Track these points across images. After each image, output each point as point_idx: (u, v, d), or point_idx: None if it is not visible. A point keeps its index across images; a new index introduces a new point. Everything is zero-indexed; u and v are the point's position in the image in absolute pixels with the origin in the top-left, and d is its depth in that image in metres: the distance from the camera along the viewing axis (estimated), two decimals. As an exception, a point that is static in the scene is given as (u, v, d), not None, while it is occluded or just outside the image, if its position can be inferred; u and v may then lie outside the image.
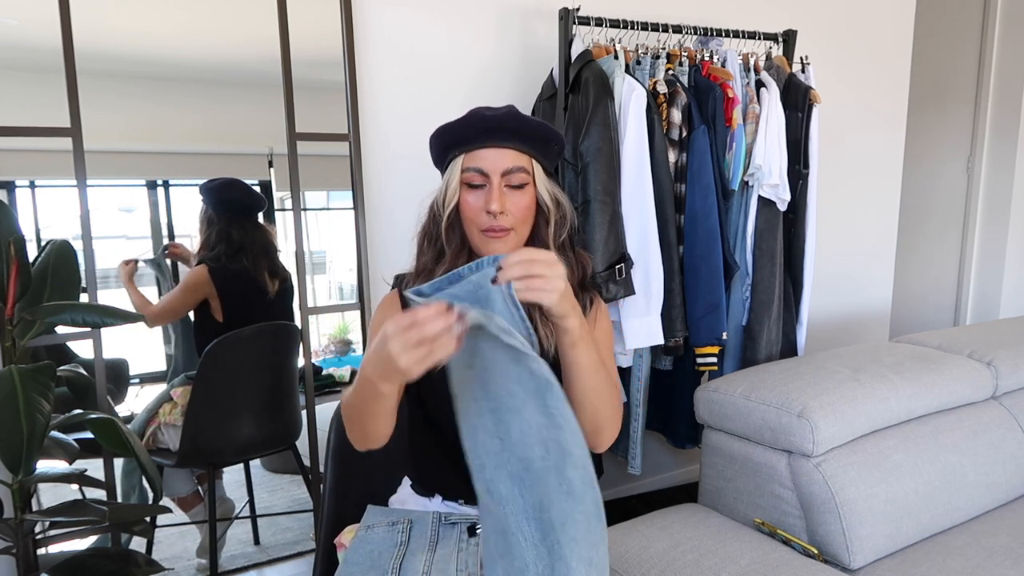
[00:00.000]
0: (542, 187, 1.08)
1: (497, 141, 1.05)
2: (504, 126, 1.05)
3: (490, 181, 1.05)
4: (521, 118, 1.07)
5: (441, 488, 1.16)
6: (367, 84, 1.97)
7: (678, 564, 1.39)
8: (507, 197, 1.05)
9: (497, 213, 1.04)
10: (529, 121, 1.07)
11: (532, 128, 1.07)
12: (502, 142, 1.05)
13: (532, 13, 2.18)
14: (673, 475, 2.71)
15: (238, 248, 1.95)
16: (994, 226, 3.60)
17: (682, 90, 1.96)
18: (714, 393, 1.68)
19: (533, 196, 1.08)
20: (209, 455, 1.92)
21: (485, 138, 1.05)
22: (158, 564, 1.51)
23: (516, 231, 1.07)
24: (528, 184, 1.07)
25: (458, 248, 1.10)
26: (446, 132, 1.08)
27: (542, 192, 1.08)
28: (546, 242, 1.09)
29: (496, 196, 1.04)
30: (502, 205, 1.04)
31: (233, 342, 1.90)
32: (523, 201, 1.06)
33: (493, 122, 1.05)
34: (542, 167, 1.09)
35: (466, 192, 1.06)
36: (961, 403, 1.76)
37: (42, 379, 1.25)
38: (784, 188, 2.05)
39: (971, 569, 1.43)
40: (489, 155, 1.05)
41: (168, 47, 1.81)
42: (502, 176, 1.05)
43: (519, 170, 1.05)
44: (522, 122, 1.06)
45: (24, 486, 1.37)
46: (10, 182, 1.71)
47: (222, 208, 1.94)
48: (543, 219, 1.09)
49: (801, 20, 2.45)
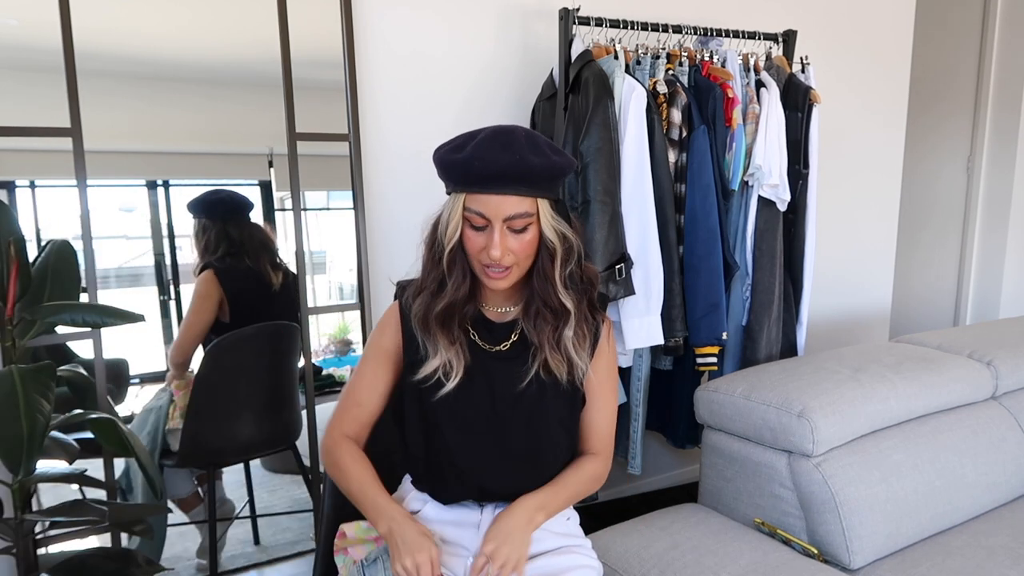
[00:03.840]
0: (547, 224, 1.05)
1: (500, 188, 1.02)
2: (507, 173, 1.01)
3: (491, 225, 1.03)
4: (526, 166, 1.01)
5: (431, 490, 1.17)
6: (367, 84, 1.97)
7: (678, 564, 1.39)
8: (508, 238, 1.04)
9: (499, 259, 1.04)
10: (535, 167, 1.01)
11: (538, 171, 1.02)
12: (505, 189, 1.02)
13: (532, 13, 2.18)
14: (673, 475, 2.70)
15: (239, 245, 1.94)
16: (994, 226, 3.60)
17: (682, 90, 1.96)
18: (714, 393, 1.68)
19: (536, 233, 1.06)
20: (209, 455, 1.92)
21: (488, 184, 1.02)
22: (158, 564, 1.50)
23: (518, 266, 1.07)
24: (532, 224, 1.05)
25: (460, 280, 1.08)
26: (449, 166, 1.05)
27: (547, 230, 1.05)
28: (551, 278, 1.07)
29: (498, 241, 1.03)
30: (503, 250, 1.03)
31: (233, 342, 1.90)
32: (526, 238, 1.05)
33: (496, 169, 1.01)
34: (549, 202, 1.06)
35: (468, 228, 1.05)
36: (961, 403, 1.76)
37: (42, 379, 1.25)
38: (784, 188, 2.05)
39: (971, 569, 1.43)
40: (491, 200, 1.02)
41: (168, 47, 1.81)
42: (504, 221, 1.03)
43: (522, 215, 1.03)
44: (527, 168, 1.01)
45: (24, 486, 1.37)
46: (10, 182, 1.71)
47: (214, 213, 1.93)
48: (547, 255, 1.07)
49: (801, 20, 2.45)
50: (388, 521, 1.06)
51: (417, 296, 1.12)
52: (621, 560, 1.43)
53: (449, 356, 1.09)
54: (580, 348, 1.12)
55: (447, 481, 1.14)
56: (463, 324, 1.12)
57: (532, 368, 1.11)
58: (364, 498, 1.10)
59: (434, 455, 1.14)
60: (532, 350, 1.12)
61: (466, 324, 1.12)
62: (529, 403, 1.11)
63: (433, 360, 1.10)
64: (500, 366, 1.12)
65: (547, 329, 1.09)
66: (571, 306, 1.09)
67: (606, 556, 1.44)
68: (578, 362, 1.12)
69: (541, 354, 1.10)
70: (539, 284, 1.09)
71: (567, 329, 1.10)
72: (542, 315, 1.09)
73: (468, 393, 1.11)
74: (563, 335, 1.10)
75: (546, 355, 1.10)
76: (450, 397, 1.10)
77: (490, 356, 1.13)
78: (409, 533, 1.04)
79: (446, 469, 1.13)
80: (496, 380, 1.12)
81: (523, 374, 1.10)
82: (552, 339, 1.10)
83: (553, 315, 1.09)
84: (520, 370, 1.11)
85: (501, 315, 1.16)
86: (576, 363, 1.12)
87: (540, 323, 1.10)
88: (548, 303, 1.09)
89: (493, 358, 1.13)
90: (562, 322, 1.10)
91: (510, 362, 1.12)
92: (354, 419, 1.17)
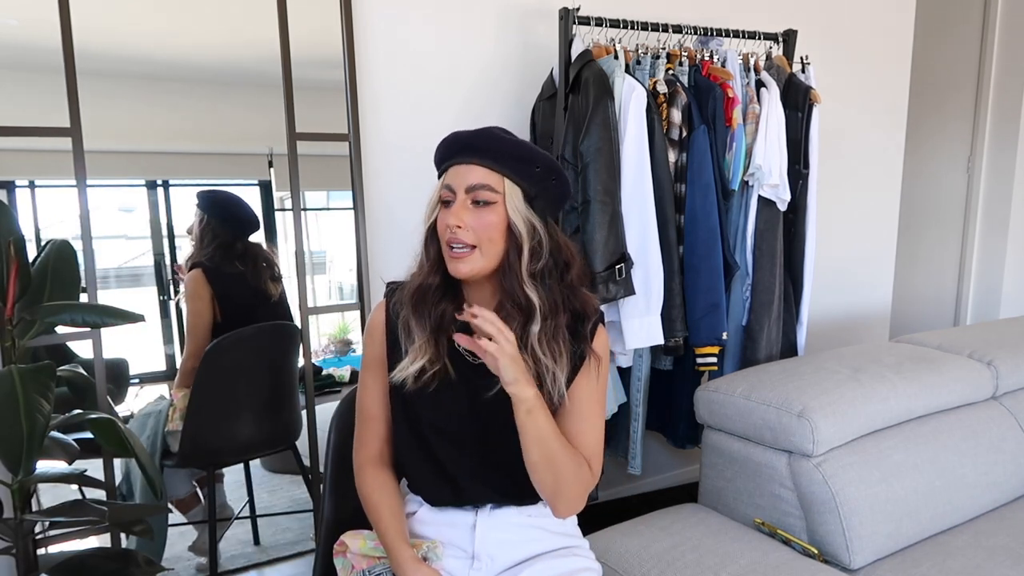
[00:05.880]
0: (513, 209, 1.04)
1: (466, 157, 1.05)
2: (474, 143, 1.05)
3: (455, 197, 1.05)
4: (495, 136, 1.06)
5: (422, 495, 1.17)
6: (367, 84, 1.97)
7: (678, 564, 1.39)
8: (471, 213, 1.04)
9: (454, 227, 1.03)
10: (503, 140, 1.06)
11: (505, 147, 1.05)
12: (470, 158, 1.05)
13: (532, 13, 2.17)
14: (673, 475, 2.70)
15: (235, 257, 1.95)
16: (994, 226, 3.60)
17: (682, 90, 1.96)
18: (714, 393, 1.68)
19: (503, 216, 1.04)
20: (209, 455, 1.92)
21: (457, 155, 1.06)
22: (158, 564, 1.50)
23: (481, 250, 1.04)
24: (496, 203, 1.04)
25: (433, 264, 1.09)
26: (436, 150, 1.11)
27: (513, 215, 1.04)
28: (517, 271, 1.05)
29: (455, 209, 1.04)
30: (459, 219, 1.03)
31: (233, 342, 1.90)
32: (487, 218, 1.03)
33: (464, 139, 1.06)
34: (522, 190, 1.05)
35: (440, 210, 1.07)
36: (961, 403, 1.76)
37: (42, 379, 1.25)
38: (784, 188, 2.05)
39: (971, 569, 1.43)
40: (459, 171, 1.05)
41: (168, 47, 1.81)
42: (467, 192, 1.04)
43: (484, 187, 1.03)
44: (495, 140, 1.05)
45: (24, 486, 1.37)
46: (10, 182, 1.71)
47: (230, 224, 1.94)
48: (514, 245, 1.05)
49: (801, 20, 2.45)
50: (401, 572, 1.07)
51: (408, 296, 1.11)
52: (621, 560, 1.43)
53: (423, 343, 1.08)
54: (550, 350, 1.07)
55: (436, 487, 1.14)
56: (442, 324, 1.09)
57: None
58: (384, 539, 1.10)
59: (422, 462, 1.14)
60: None
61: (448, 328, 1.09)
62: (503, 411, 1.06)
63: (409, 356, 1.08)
64: (479, 375, 1.08)
65: (515, 328, 1.05)
66: (536, 300, 1.06)
67: (606, 556, 1.44)
68: (546, 362, 1.07)
69: None
70: (506, 278, 1.06)
71: (533, 325, 1.06)
72: (510, 314, 1.06)
73: (448, 399, 1.10)
74: (529, 332, 1.06)
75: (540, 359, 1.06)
76: (431, 401, 1.09)
77: (470, 366, 1.10)
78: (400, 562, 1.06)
79: (434, 476, 1.13)
80: (476, 389, 1.09)
81: (493, 382, 1.05)
82: (519, 339, 1.04)
83: (520, 311, 1.06)
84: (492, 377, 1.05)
85: None
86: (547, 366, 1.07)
87: (509, 322, 1.05)
88: (515, 299, 1.06)
89: (473, 368, 1.10)
90: (529, 319, 1.06)
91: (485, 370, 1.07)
92: (374, 436, 1.17)
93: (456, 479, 1.12)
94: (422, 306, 1.09)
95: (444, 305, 1.10)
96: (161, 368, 2.00)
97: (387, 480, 1.15)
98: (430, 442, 1.12)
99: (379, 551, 1.13)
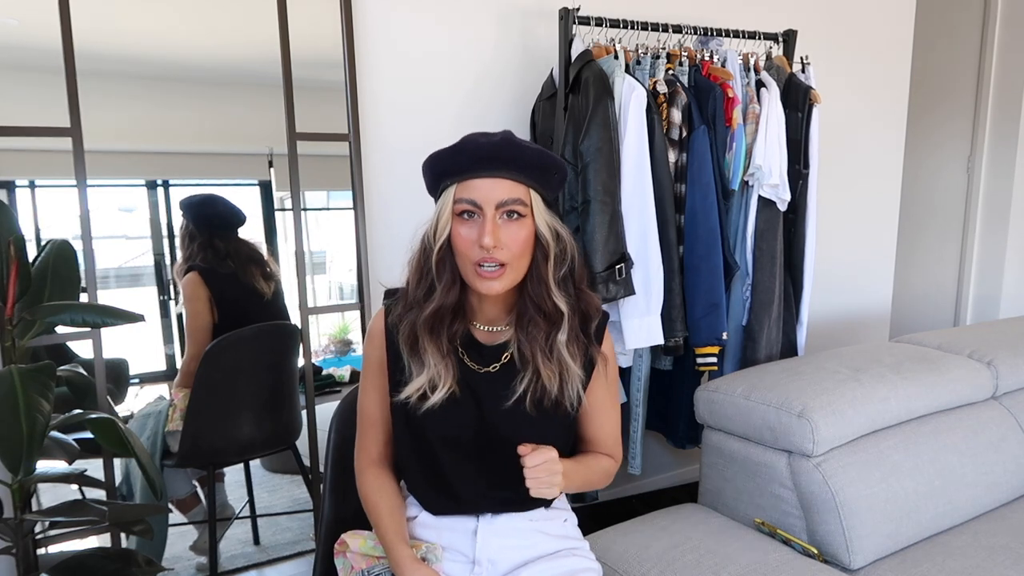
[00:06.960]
0: (541, 219, 1.02)
1: (491, 171, 0.98)
2: (499, 154, 0.98)
3: (483, 213, 0.98)
4: (518, 145, 1.00)
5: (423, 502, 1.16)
6: (367, 84, 1.97)
7: (678, 564, 1.39)
8: (502, 230, 0.99)
9: (491, 247, 0.98)
10: (526, 149, 1.00)
11: (529, 157, 1.00)
12: (496, 171, 0.98)
13: (532, 13, 2.18)
14: (673, 475, 2.70)
15: (223, 256, 1.94)
16: (994, 226, 3.60)
17: (682, 90, 1.96)
18: (714, 393, 1.68)
19: (531, 229, 1.01)
20: (209, 455, 1.92)
21: (478, 167, 0.99)
22: (158, 564, 1.50)
23: (511, 266, 1.01)
24: (526, 217, 1.00)
25: (449, 284, 1.04)
26: (438, 160, 1.02)
27: (541, 225, 1.02)
28: (545, 279, 1.03)
29: (490, 229, 0.97)
30: (496, 239, 0.98)
31: (233, 342, 1.90)
32: (520, 234, 1.00)
33: (487, 150, 0.98)
34: (541, 197, 1.02)
35: (458, 224, 1.00)
36: (961, 403, 1.76)
37: (42, 379, 1.25)
38: (784, 188, 2.05)
39: (971, 569, 1.43)
40: (483, 185, 0.98)
41: (168, 47, 1.81)
42: (497, 208, 0.98)
43: (515, 202, 0.99)
44: (519, 150, 0.99)
45: (24, 486, 1.37)
46: (10, 182, 1.71)
47: (203, 224, 1.92)
48: (542, 254, 1.03)
49: (801, 20, 2.45)
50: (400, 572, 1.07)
51: (405, 314, 1.07)
52: (621, 560, 1.43)
53: (439, 368, 1.04)
54: (575, 356, 1.07)
55: (437, 495, 1.13)
56: (453, 342, 1.07)
57: (521, 385, 1.06)
58: (383, 539, 1.10)
59: (423, 470, 1.13)
60: (523, 368, 1.07)
61: (456, 343, 1.08)
62: (517, 422, 1.06)
63: (419, 378, 1.05)
64: (488, 386, 1.08)
65: (540, 336, 1.04)
66: (565, 309, 1.04)
67: (606, 556, 1.44)
68: (575, 370, 1.06)
69: (533, 367, 1.05)
70: (533, 288, 1.04)
71: (561, 334, 1.05)
72: (535, 322, 1.04)
73: (456, 411, 1.07)
74: (557, 340, 1.05)
75: (539, 367, 1.05)
76: (437, 415, 1.06)
77: (479, 376, 1.09)
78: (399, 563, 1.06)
79: (436, 484, 1.12)
80: (484, 399, 1.08)
81: (511, 392, 1.05)
82: (545, 347, 1.04)
83: (546, 320, 1.05)
84: (508, 388, 1.06)
85: (491, 336, 1.11)
86: (572, 371, 1.06)
87: (533, 331, 1.04)
88: (542, 307, 1.04)
89: (482, 378, 1.09)
90: (556, 327, 1.05)
91: (498, 381, 1.07)
92: (375, 440, 1.16)
93: (458, 490, 1.11)
94: (439, 329, 1.05)
95: (457, 326, 1.07)
96: (161, 368, 2.00)
97: (387, 481, 1.15)
98: (434, 453, 1.10)
99: (379, 551, 1.13)
